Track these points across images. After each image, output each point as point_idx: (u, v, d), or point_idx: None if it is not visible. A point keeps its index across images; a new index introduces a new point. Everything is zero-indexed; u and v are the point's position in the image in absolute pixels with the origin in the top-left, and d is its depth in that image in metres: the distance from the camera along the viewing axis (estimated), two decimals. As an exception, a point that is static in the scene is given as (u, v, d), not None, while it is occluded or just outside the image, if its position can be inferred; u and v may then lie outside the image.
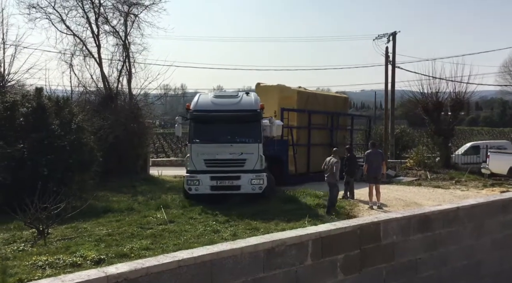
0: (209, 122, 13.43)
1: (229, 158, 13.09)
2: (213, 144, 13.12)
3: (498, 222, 5.04)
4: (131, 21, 21.57)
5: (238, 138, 13.39)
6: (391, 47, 29.03)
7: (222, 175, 12.95)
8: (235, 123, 13.43)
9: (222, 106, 13.53)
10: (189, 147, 13.27)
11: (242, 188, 12.94)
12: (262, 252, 3.60)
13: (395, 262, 4.28)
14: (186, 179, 12.96)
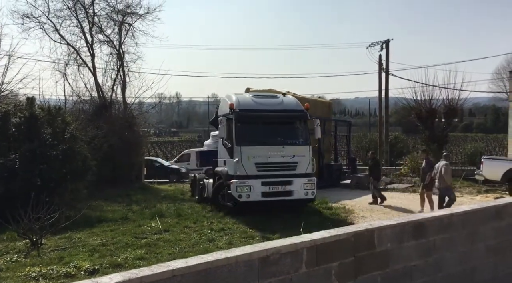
0: (257, 123, 12.59)
1: (282, 161, 12.21)
2: (265, 146, 12.22)
3: (492, 228, 5.06)
4: (126, 30, 21.66)
5: (289, 140, 12.62)
6: (385, 54, 29.26)
7: (274, 180, 12.00)
8: (284, 124, 12.90)
9: (267, 106, 12.76)
10: (238, 149, 12.01)
11: (295, 193, 12.08)
12: (257, 260, 3.59)
13: (390, 269, 4.28)
14: (235, 185, 11.72)
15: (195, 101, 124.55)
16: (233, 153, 12.07)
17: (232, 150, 12.09)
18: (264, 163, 12.09)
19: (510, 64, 52.72)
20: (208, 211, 13.07)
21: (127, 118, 20.55)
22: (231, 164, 12.15)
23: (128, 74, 21.76)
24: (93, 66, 21.07)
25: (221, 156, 13.21)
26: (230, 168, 12.22)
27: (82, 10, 21.00)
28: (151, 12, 21.67)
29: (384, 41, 29.40)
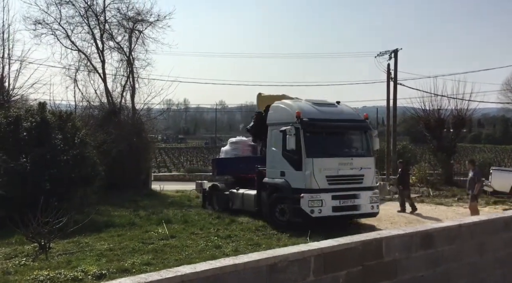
0: (326, 133, 12.09)
1: (351, 174, 11.73)
2: (335, 158, 11.71)
3: (501, 240, 5.03)
4: (136, 37, 21.89)
5: (356, 151, 12.37)
6: (393, 64, 29.22)
7: (344, 193, 11.53)
8: (351, 135, 12.57)
9: (330, 115, 12.19)
10: (309, 161, 11.35)
11: (362, 207, 11.70)
12: (264, 267, 3.60)
13: (397, 279, 4.27)
14: (307, 199, 11.10)
15: (203, 108, 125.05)
16: (301, 164, 11.40)
17: (300, 162, 11.41)
18: (335, 175, 11.53)
19: (520, 75, 52.42)
20: (214, 218, 13.08)
21: (136, 124, 20.70)
22: (296, 176, 11.50)
23: (138, 81, 21.95)
24: (103, 72, 21.30)
25: (276, 166, 12.19)
26: (295, 181, 11.53)
27: (94, 17, 21.28)
28: (161, 20, 21.90)
29: (392, 50, 29.34)
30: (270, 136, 12.50)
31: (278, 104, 12.95)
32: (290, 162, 11.75)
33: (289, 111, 12.18)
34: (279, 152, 12.05)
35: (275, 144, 12.16)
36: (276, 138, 12.15)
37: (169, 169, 43.98)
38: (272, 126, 12.48)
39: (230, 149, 15.72)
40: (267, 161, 12.65)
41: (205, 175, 28.17)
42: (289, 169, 11.78)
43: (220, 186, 14.95)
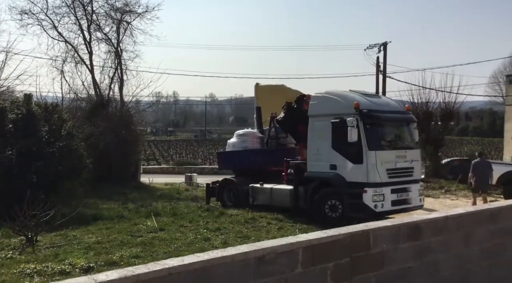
0: (384, 125, 11.96)
1: (405, 167, 11.63)
2: (393, 150, 11.66)
3: (487, 231, 5.09)
4: (124, 29, 21.64)
5: (407, 143, 12.26)
6: (382, 57, 29.33)
7: (399, 187, 11.38)
8: (403, 127, 12.42)
9: (382, 106, 12.07)
10: (372, 154, 11.08)
11: (412, 200, 11.62)
12: (252, 259, 3.60)
13: (385, 270, 4.30)
14: (371, 194, 10.85)
15: (192, 101, 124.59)
16: (361, 157, 11.11)
17: (360, 154, 11.12)
18: (393, 168, 11.39)
19: (507, 69, 53.05)
20: (204, 211, 13.07)
21: (124, 117, 20.54)
22: (354, 169, 11.25)
23: (126, 73, 21.75)
24: (91, 64, 21.07)
25: (322, 159, 11.78)
26: (352, 174, 11.27)
27: (81, 7, 20.97)
28: (150, 11, 21.67)
29: (381, 43, 29.44)
30: (312, 128, 12.00)
31: (324, 95, 12.49)
32: (345, 155, 11.41)
33: (341, 102, 11.83)
34: (327, 144, 11.67)
35: (322, 136, 11.75)
36: (322, 130, 11.73)
37: (158, 162, 43.85)
38: (316, 118, 12.03)
39: (238, 141, 14.91)
40: (308, 153, 12.16)
41: (194, 168, 28.16)
42: (342, 162, 11.44)
43: (236, 181, 14.21)
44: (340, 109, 11.61)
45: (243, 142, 14.64)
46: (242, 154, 14.46)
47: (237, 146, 14.76)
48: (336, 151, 11.53)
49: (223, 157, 15.74)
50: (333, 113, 11.64)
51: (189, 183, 20.35)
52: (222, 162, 15.89)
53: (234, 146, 14.95)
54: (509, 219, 5.29)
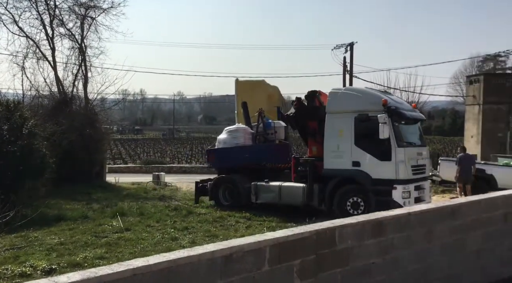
0: (406, 123, 11.97)
1: (422, 163, 11.84)
2: (415, 147, 11.81)
3: (447, 227, 5.26)
4: (88, 24, 21.10)
5: (421, 141, 12.44)
6: (349, 57, 29.85)
7: (418, 184, 11.53)
8: (417, 125, 12.61)
9: (403, 105, 12.30)
10: (401, 151, 11.13)
11: (426, 197, 11.78)
12: (219, 258, 3.58)
13: (350, 267, 4.37)
14: (400, 191, 10.85)
15: (160, 99, 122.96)
16: (389, 154, 11.12)
17: (388, 151, 11.12)
18: (415, 165, 11.51)
19: (467, 70, 55.01)
20: (171, 210, 12.92)
21: (89, 115, 20.03)
22: (380, 166, 11.21)
23: (90, 70, 21.21)
24: (53, 60, 20.40)
25: (343, 156, 11.67)
26: (378, 171, 11.25)
27: (43, 2, 20.28)
28: (115, 7, 21.21)
29: (348, 43, 29.98)
30: (331, 124, 11.85)
31: (344, 91, 12.46)
32: (370, 152, 11.38)
33: (365, 99, 11.79)
34: (348, 140, 11.62)
35: (342, 132, 11.67)
36: (343, 127, 11.64)
37: (125, 161, 42.99)
38: (336, 114, 11.89)
39: (230, 137, 14.26)
40: (326, 150, 12.03)
41: (162, 167, 27.76)
42: (367, 159, 11.39)
43: (236, 179, 13.68)
44: (364, 105, 11.60)
45: (234, 138, 14.08)
46: (236, 150, 13.88)
47: (228, 143, 14.18)
48: (360, 147, 11.48)
49: (216, 154, 14.67)
50: (356, 110, 11.57)
51: (157, 182, 20.05)
52: (213, 159, 14.87)
53: (225, 142, 14.33)
54: (468, 215, 5.48)
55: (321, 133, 12.50)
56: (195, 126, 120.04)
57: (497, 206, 5.84)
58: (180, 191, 17.64)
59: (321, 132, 12.50)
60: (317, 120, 12.54)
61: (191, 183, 20.28)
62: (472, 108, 31.07)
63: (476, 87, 31.12)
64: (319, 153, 12.53)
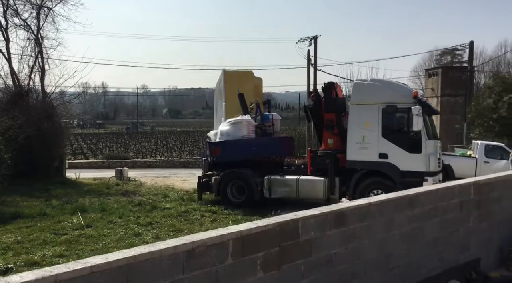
0: (429, 115, 12.01)
1: (439, 156, 12.00)
2: (437, 140, 11.99)
3: (406, 216, 5.40)
4: (45, 15, 20.25)
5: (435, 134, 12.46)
6: (313, 50, 30.16)
7: (439, 175, 11.64)
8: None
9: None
10: (431, 143, 11.29)
11: None
12: (182, 253, 3.53)
13: (313, 257, 4.42)
14: (431, 182, 10.74)
15: (123, 92, 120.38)
16: (420, 146, 11.09)
17: (419, 143, 11.10)
18: (438, 158, 11.66)
19: (426, 63, 56.71)
20: (135, 205, 12.70)
21: (46, 108, 19.28)
22: (410, 158, 11.14)
23: (48, 62, 20.37)
24: (8, 51, 19.47)
25: (368, 147, 11.53)
26: (407, 163, 11.17)
27: (-5, -10, 19.30)
28: (74, -4, 20.42)
29: (312, 37, 30.31)
30: (356, 116, 11.71)
31: (370, 82, 12.27)
32: (399, 144, 11.30)
33: (393, 90, 11.69)
34: (375, 132, 11.52)
35: (368, 124, 11.54)
36: (369, 118, 11.51)
37: (86, 156, 41.85)
38: (361, 106, 11.74)
39: (233, 129, 13.43)
40: (349, 142, 11.84)
41: (125, 162, 27.19)
42: (396, 151, 11.31)
43: (247, 173, 13.01)
44: (393, 97, 11.55)
45: (239, 130, 13.33)
46: (243, 143, 13.21)
47: (232, 135, 13.40)
48: (387, 139, 11.42)
49: (222, 147, 13.49)
50: (383, 101, 11.48)
51: (120, 177, 19.60)
52: (219, 152, 13.54)
53: (229, 135, 13.45)
54: (426, 204, 5.65)
55: (339, 126, 12.41)
56: (159, 120, 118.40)
57: (453, 195, 6.05)
58: (144, 186, 17.34)
59: (339, 124, 12.42)
60: (335, 112, 12.38)
61: (155, 178, 20.07)
62: (431, 101, 32.10)
63: (434, 80, 32.17)
64: (336, 145, 12.39)
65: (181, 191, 15.66)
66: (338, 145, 12.34)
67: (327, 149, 12.54)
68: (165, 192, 15.50)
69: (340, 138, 12.34)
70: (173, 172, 23.27)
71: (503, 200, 6.80)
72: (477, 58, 43.12)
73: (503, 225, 6.80)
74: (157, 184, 18.11)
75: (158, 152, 46.08)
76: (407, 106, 11.17)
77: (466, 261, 6.15)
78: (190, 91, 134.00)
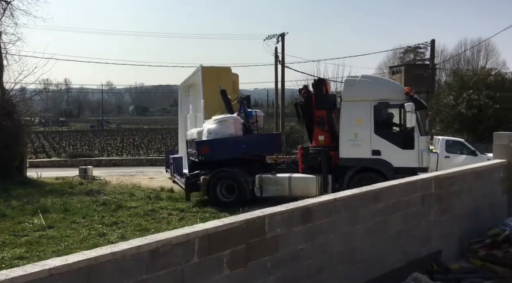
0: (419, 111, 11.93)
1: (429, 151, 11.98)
2: (427, 136, 12.00)
3: (370, 211, 5.50)
4: (3, 9, 19.47)
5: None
6: (281, 47, 30.29)
7: None
8: None
9: None
10: (423, 139, 11.33)
11: None
12: (146, 253, 3.47)
13: (279, 254, 4.44)
14: None
15: (87, 89, 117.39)
16: (412, 142, 10.99)
17: (411, 140, 11.00)
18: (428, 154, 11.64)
19: (390, 61, 58.09)
20: (99, 205, 12.40)
21: (5, 106, 18.56)
22: (402, 154, 11.04)
23: (6, 57, 19.58)
24: (-37, 46, 18.62)
25: (361, 145, 11.41)
26: (400, 159, 11.08)
27: None
28: (33, -10, 19.70)
29: (280, 34, 30.45)
30: (348, 112, 11.56)
31: (362, 79, 12.03)
32: (392, 140, 11.24)
33: (385, 87, 11.62)
34: (367, 129, 11.41)
35: (361, 121, 11.42)
36: (361, 115, 11.39)
37: (49, 155, 40.53)
38: (353, 102, 11.61)
39: (220, 127, 13.09)
40: (342, 139, 11.75)
41: (90, 160, 26.51)
42: (388, 147, 11.24)
43: (237, 172, 12.76)
44: (385, 93, 11.49)
45: (226, 128, 13.00)
46: (233, 141, 12.93)
47: (220, 133, 13.05)
48: (380, 136, 11.35)
49: (211, 146, 13.03)
50: (375, 98, 11.41)
51: (84, 176, 19.10)
52: (208, 151, 13.05)
53: (216, 133, 13.06)
54: (389, 198, 5.77)
55: (329, 122, 12.33)
56: (126, 118, 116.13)
57: (416, 189, 6.20)
58: (109, 185, 16.95)
59: (330, 121, 12.34)
60: (326, 109, 12.27)
61: (121, 176, 19.67)
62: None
63: (398, 77, 32.99)
64: (326, 142, 12.28)
65: (148, 190, 15.41)
66: (329, 141, 12.30)
67: (317, 146, 12.47)
68: (131, 190, 15.23)
69: (331, 135, 12.32)
70: (140, 170, 22.88)
71: (463, 194, 7.04)
72: (439, 56, 44.50)
73: (463, 218, 7.03)
74: (123, 182, 17.75)
75: (124, 150, 45.20)
76: (399, 102, 11.20)
77: (428, 254, 6.32)
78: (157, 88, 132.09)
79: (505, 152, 8.25)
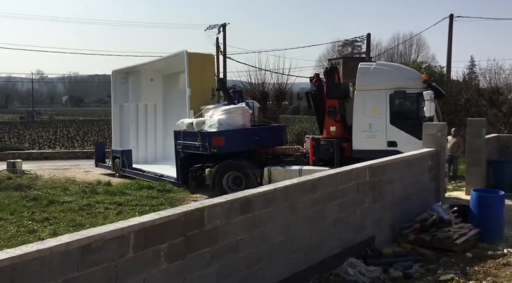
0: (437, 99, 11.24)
1: None
2: None
3: (309, 200, 5.61)
4: None
5: None
6: (222, 38, 30.07)
7: None
8: None
9: None
10: None
11: None
12: (76, 250, 3.30)
13: (218, 245, 4.41)
14: None
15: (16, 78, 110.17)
16: None
17: None
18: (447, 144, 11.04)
19: (329, 53, 59.61)
20: (29, 200, 11.68)
21: None
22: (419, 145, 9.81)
23: None
24: None
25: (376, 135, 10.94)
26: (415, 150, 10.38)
27: None
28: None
29: (221, 24, 30.20)
30: (362, 102, 11.07)
31: (376, 66, 11.54)
32: (408, 130, 10.68)
33: (401, 75, 11.10)
34: (382, 119, 10.90)
35: (375, 111, 10.90)
36: (376, 104, 10.88)
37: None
38: (368, 92, 11.07)
39: (228, 117, 12.42)
40: (355, 129, 11.26)
41: (19, 153, 24.92)
42: (405, 138, 10.70)
43: (245, 164, 12.27)
44: (401, 81, 10.95)
45: (233, 118, 12.42)
46: (246, 132, 12.45)
47: (232, 124, 12.46)
48: (396, 126, 10.91)
49: (225, 138, 12.29)
50: (391, 86, 10.94)
51: (13, 170, 17.91)
52: (222, 143, 12.29)
53: (228, 124, 12.43)
54: (327, 187, 5.92)
55: (342, 112, 11.98)
56: (59, 108, 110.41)
57: (351, 178, 6.41)
58: (41, 179, 16.02)
59: (342, 111, 12.00)
60: (338, 98, 11.89)
61: (54, 170, 18.67)
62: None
63: (336, 71, 33.87)
64: (339, 133, 11.89)
65: (83, 183, 14.75)
66: (341, 132, 11.95)
67: (329, 137, 12.02)
68: (65, 184, 14.49)
69: (343, 126, 12.03)
70: (74, 163, 21.85)
71: (394, 182, 7.38)
72: (374, 50, 46.29)
73: (394, 205, 7.38)
74: (55, 176, 16.86)
75: (57, 142, 42.94)
76: (417, 91, 10.75)
77: (362, 240, 6.58)
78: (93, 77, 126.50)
79: (434, 141, 8.76)
